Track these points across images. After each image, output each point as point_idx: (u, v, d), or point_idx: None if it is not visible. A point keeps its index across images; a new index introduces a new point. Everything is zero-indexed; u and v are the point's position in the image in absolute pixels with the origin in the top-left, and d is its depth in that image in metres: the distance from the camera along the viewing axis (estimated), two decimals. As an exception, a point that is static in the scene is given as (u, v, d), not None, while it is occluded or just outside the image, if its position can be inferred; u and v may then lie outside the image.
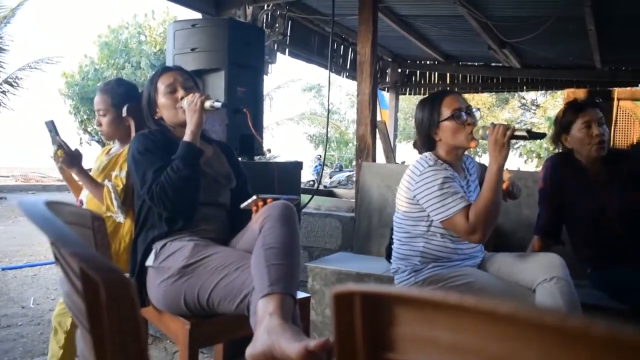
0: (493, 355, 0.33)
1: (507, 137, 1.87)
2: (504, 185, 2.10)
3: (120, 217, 2.16)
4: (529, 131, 1.90)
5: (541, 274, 1.88)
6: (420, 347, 0.41)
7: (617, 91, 5.08)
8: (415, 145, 2.21)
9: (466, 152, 2.18)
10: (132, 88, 2.42)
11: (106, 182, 2.18)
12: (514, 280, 2.01)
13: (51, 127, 2.34)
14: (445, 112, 2.04)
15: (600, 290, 2.36)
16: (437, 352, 0.39)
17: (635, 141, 4.83)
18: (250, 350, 1.34)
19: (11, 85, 12.45)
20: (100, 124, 2.34)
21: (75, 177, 2.29)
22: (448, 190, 1.94)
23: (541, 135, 1.95)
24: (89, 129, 15.04)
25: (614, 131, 4.85)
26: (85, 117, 14.91)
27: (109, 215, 2.16)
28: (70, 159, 2.24)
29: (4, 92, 12.36)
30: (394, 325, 0.42)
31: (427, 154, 2.10)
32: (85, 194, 2.27)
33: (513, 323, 0.31)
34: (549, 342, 0.30)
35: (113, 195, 2.14)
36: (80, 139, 15.49)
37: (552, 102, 19.81)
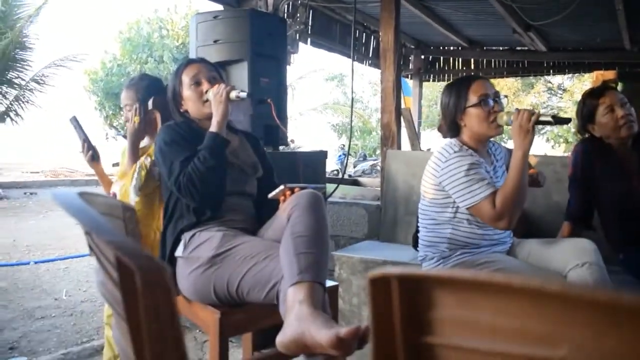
0: (539, 337, 0.33)
1: (532, 122, 1.83)
2: (531, 172, 2.07)
3: (132, 196, 2.19)
4: (554, 116, 1.87)
5: (573, 260, 1.85)
6: (460, 329, 0.40)
7: (647, 72, 4.95)
8: (440, 129, 2.19)
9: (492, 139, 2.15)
10: (156, 82, 2.44)
11: (143, 158, 2.22)
12: (544, 266, 1.98)
13: (75, 123, 2.38)
14: (472, 98, 2.01)
15: (633, 276, 2.31)
16: (477, 334, 0.38)
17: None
18: (280, 338, 1.35)
19: (38, 83, 12.65)
20: (127, 120, 2.38)
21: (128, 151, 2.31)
22: (474, 177, 1.91)
23: (566, 120, 1.91)
24: (114, 124, 15.25)
25: (645, 113, 4.73)
26: (110, 112, 15.13)
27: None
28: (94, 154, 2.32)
29: (31, 90, 12.57)
30: (432, 309, 0.42)
31: (452, 140, 2.07)
32: (118, 187, 2.30)
33: (560, 302, 0.30)
34: (598, 321, 0.29)
35: (136, 174, 2.18)
36: (106, 134, 15.72)
37: (579, 86, 19.42)
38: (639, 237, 2.27)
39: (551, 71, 8.51)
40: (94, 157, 2.37)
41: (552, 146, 20.29)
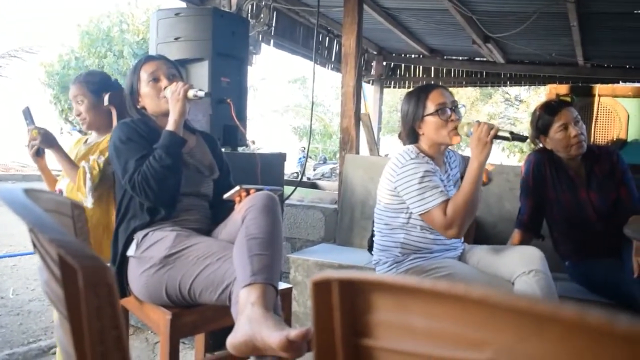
0: (467, 340, 0.34)
1: (490, 136, 1.88)
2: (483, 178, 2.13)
3: (88, 202, 2.11)
4: (512, 133, 1.92)
5: (520, 267, 1.91)
6: (396, 333, 0.41)
7: (598, 87, 5.12)
8: (400, 137, 2.23)
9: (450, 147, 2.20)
10: (105, 77, 2.40)
11: (83, 163, 2.14)
12: (493, 272, 2.03)
13: (27, 114, 2.29)
14: (430, 106, 2.05)
15: (578, 283, 2.40)
16: (412, 337, 0.39)
17: (615, 138, 4.89)
18: (231, 340, 1.35)
19: (-10, 72, 12.25)
20: (79, 113, 2.30)
21: (54, 157, 2.23)
22: (428, 184, 1.95)
23: (523, 138, 1.96)
24: (70, 118, 14.88)
25: (595, 127, 4.90)
26: (66, 106, 14.76)
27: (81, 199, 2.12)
28: (46, 138, 2.20)
29: (-17, 80, 12.16)
30: (370, 312, 0.43)
31: (409, 146, 2.11)
32: (65, 184, 2.23)
33: (485, 308, 0.32)
34: (520, 327, 0.31)
35: (88, 176, 2.10)
36: (61, 129, 15.31)
37: (535, 98, 19.98)
38: (585, 246, 2.35)
39: (508, 82, 8.72)
40: (38, 152, 2.28)
41: (507, 155, 20.79)
